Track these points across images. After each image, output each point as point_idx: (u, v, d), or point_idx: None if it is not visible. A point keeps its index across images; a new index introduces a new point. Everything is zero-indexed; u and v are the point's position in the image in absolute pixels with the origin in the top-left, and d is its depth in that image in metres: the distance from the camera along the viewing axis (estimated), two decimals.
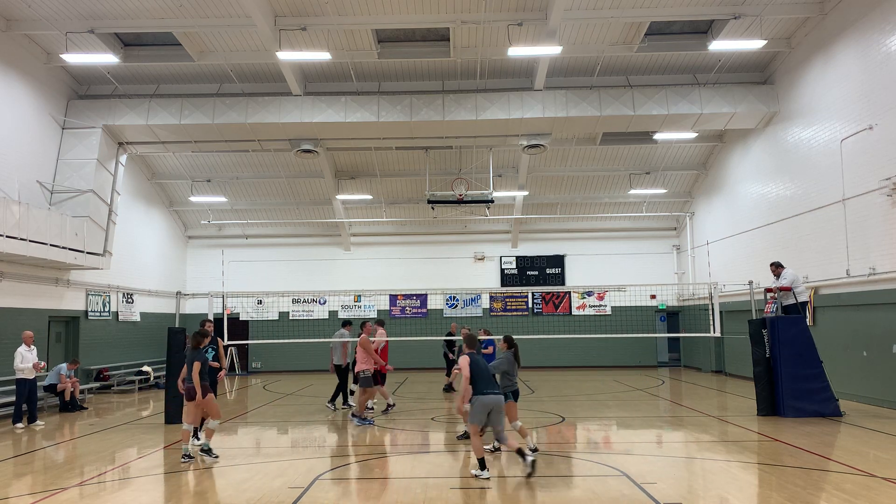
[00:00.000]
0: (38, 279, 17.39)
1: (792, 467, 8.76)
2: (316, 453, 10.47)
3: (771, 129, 18.93)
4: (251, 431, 12.85)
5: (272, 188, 25.14)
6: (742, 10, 15.77)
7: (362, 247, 27.44)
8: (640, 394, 17.69)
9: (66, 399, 15.92)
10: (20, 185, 16.34)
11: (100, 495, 8.05)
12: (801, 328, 13.34)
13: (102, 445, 11.39)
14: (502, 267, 27.21)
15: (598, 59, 18.34)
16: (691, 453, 10.18)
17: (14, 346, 13.88)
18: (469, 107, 18.58)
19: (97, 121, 18.61)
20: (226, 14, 15.83)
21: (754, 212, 20.05)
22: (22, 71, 16.81)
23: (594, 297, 27.07)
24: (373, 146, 21.94)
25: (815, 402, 12.90)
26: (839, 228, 15.35)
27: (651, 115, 18.53)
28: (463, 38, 17.22)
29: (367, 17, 15.98)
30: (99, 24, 15.97)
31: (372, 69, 19.15)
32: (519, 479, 8.44)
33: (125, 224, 21.22)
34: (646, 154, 23.56)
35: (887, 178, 13.62)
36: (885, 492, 7.48)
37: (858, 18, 14.70)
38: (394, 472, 9.12)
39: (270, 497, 7.73)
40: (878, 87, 14.09)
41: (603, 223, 26.97)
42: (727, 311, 21.41)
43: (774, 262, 14.26)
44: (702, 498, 7.49)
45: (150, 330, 23.39)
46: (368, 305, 27.02)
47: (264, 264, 26.99)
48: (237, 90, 19.52)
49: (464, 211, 24.11)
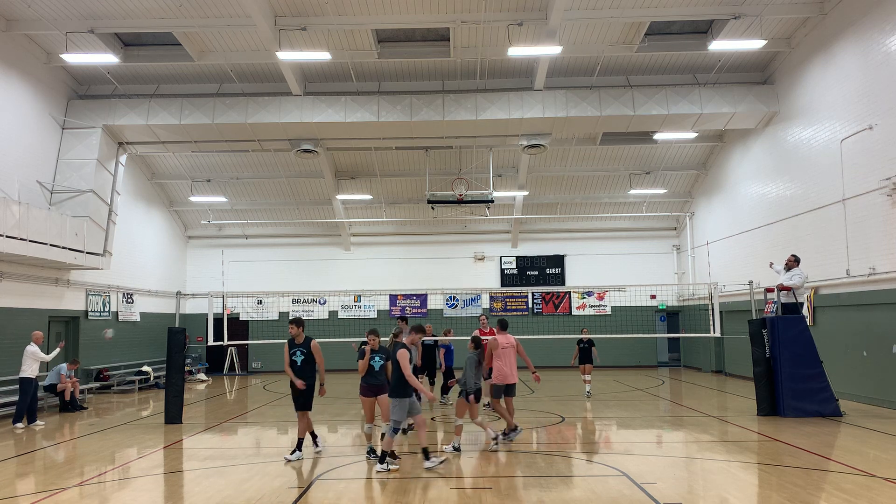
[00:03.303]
0: (38, 279, 17.39)
1: (792, 467, 8.76)
2: (316, 453, 10.46)
3: (771, 129, 18.93)
4: (251, 431, 12.85)
5: (272, 188, 25.14)
6: (742, 10, 15.77)
7: (362, 247, 27.44)
8: (640, 394, 17.69)
9: (66, 399, 15.92)
10: (20, 185, 16.34)
11: (100, 495, 8.05)
12: (801, 328, 13.34)
13: (102, 445, 11.39)
14: (502, 267, 27.21)
15: (598, 59, 18.34)
16: (691, 453, 10.18)
17: (14, 346, 13.89)
18: (469, 107, 18.58)
19: (97, 121, 18.61)
20: (226, 14, 15.83)
21: (754, 212, 20.05)
22: (22, 71, 16.81)
23: (594, 297, 27.07)
24: (373, 146, 21.94)
25: (815, 402, 12.90)
26: (839, 228, 15.35)
27: (651, 115, 18.53)
28: (463, 38, 17.22)
29: (367, 17, 15.99)
30: (99, 24, 15.97)
31: (372, 69, 19.15)
32: (520, 479, 8.44)
33: (125, 224, 21.23)
34: (646, 154, 23.56)
35: (887, 178, 13.62)
36: (885, 492, 7.48)
37: (858, 18, 14.70)
38: (394, 472, 9.12)
39: (270, 497, 7.73)
40: (878, 87, 14.10)
41: (603, 223, 26.97)
42: (727, 311, 21.41)
43: (795, 255, 14.20)
44: (702, 498, 7.49)
45: (150, 330, 23.39)
46: (368, 305, 27.02)
47: (264, 264, 26.99)
48: (237, 90, 19.52)
49: (464, 211, 24.11)
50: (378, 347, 9.79)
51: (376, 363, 9.70)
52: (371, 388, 9.78)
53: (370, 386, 9.77)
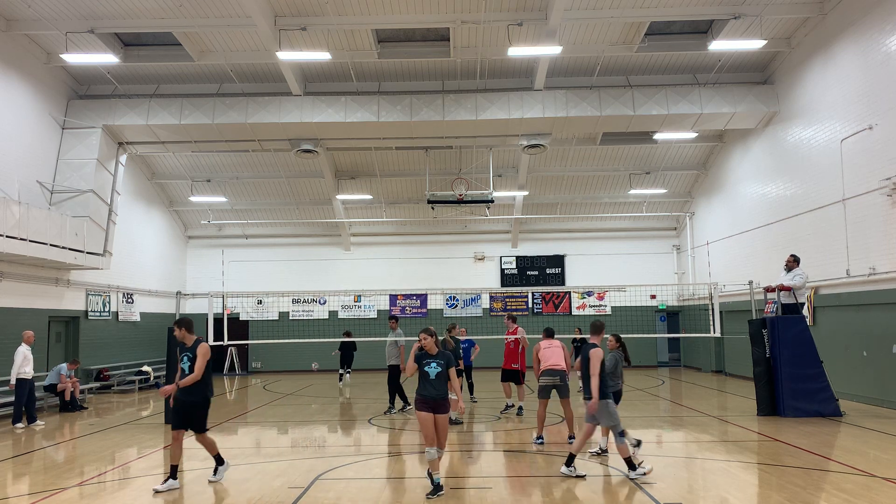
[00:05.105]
0: (38, 279, 17.39)
1: (792, 467, 8.76)
2: (316, 453, 10.46)
3: (771, 129, 18.93)
4: (251, 431, 12.85)
5: (272, 188, 25.14)
6: (742, 10, 15.77)
7: (362, 247, 27.44)
8: (640, 394, 17.69)
9: (66, 399, 15.92)
10: (20, 185, 16.34)
11: (100, 495, 8.05)
12: (801, 328, 13.34)
13: (102, 445, 11.39)
14: (502, 267, 27.20)
15: (598, 59, 18.33)
16: (691, 453, 10.18)
17: (14, 346, 13.85)
18: (469, 107, 18.58)
19: (97, 121, 18.61)
20: (226, 14, 15.83)
21: (754, 212, 20.05)
22: (22, 71, 16.81)
23: (594, 297, 27.07)
24: (373, 146, 21.93)
25: (815, 402, 12.90)
26: (839, 228, 15.35)
27: (651, 115, 18.53)
28: (463, 38, 17.21)
29: (367, 17, 15.98)
30: (99, 24, 15.97)
31: (372, 69, 19.15)
32: (520, 479, 8.44)
33: (125, 224, 21.22)
34: (646, 154, 23.55)
35: (887, 178, 13.62)
36: (885, 492, 7.48)
37: (858, 18, 14.70)
38: (394, 472, 9.13)
39: (270, 497, 7.74)
40: (878, 87, 14.09)
41: (603, 223, 26.97)
42: (727, 311, 21.40)
43: (794, 254, 14.20)
44: (702, 498, 7.49)
45: (150, 330, 23.39)
46: (368, 305, 27.02)
47: (264, 264, 26.99)
48: (237, 90, 19.52)
49: (464, 211, 24.11)
50: (438, 351, 7.97)
51: (432, 370, 7.85)
52: (426, 402, 7.81)
53: (424, 399, 7.82)
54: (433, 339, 7.96)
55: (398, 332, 14.85)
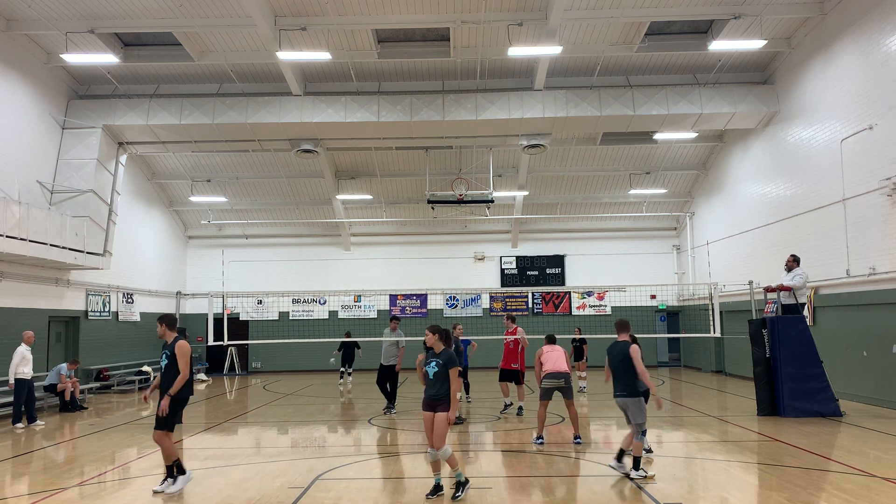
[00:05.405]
0: (38, 279, 17.39)
1: (792, 467, 8.76)
2: (316, 453, 10.46)
3: (771, 129, 18.93)
4: (251, 431, 12.85)
5: (272, 188, 25.14)
6: (742, 10, 15.77)
7: (362, 247, 27.44)
8: None
9: (66, 399, 15.92)
10: (20, 185, 16.34)
11: (100, 495, 8.05)
12: (801, 328, 13.33)
13: (102, 445, 11.39)
14: (502, 267, 27.20)
15: (598, 59, 18.33)
16: (691, 453, 10.18)
17: (14, 347, 13.84)
18: (469, 107, 18.57)
19: (97, 121, 18.61)
20: (226, 14, 15.83)
21: (754, 212, 20.05)
22: (22, 71, 16.81)
23: (594, 297, 27.07)
24: (373, 146, 21.93)
25: (815, 402, 12.90)
26: (839, 228, 15.35)
27: (651, 115, 18.53)
28: (463, 38, 17.21)
29: (367, 17, 15.98)
30: (99, 24, 15.96)
31: (372, 69, 19.15)
32: (520, 480, 8.43)
33: (125, 224, 21.22)
34: (646, 154, 23.55)
35: (887, 178, 13.62)
36: (885, 492, 7.48)
37: (858, 18, 14.70)
38: (394, 472, 9.12)
39: (270, 497, 7.73)
40: (878, 87, 14.10)
41: (603, 223, 26.97)
42: (727, 311, 21.41)
43: (794, 254, 14.18)
44: (702, 498, 7.49)
45: (151, 330, 23.35)
46: (368, 305, 27.02)
47: (264, 264, 26.99)
48: (237, 90, 19.52)
49: (464, 211, 24.11)
50: (441, 350, 7.77)
51: (430, 369, 7.71)
52: (426, 402, 7.77)
53: (424, 398, 7.80)
54: (436, 336, 7.78)
55: (399, 333, 14.83)
